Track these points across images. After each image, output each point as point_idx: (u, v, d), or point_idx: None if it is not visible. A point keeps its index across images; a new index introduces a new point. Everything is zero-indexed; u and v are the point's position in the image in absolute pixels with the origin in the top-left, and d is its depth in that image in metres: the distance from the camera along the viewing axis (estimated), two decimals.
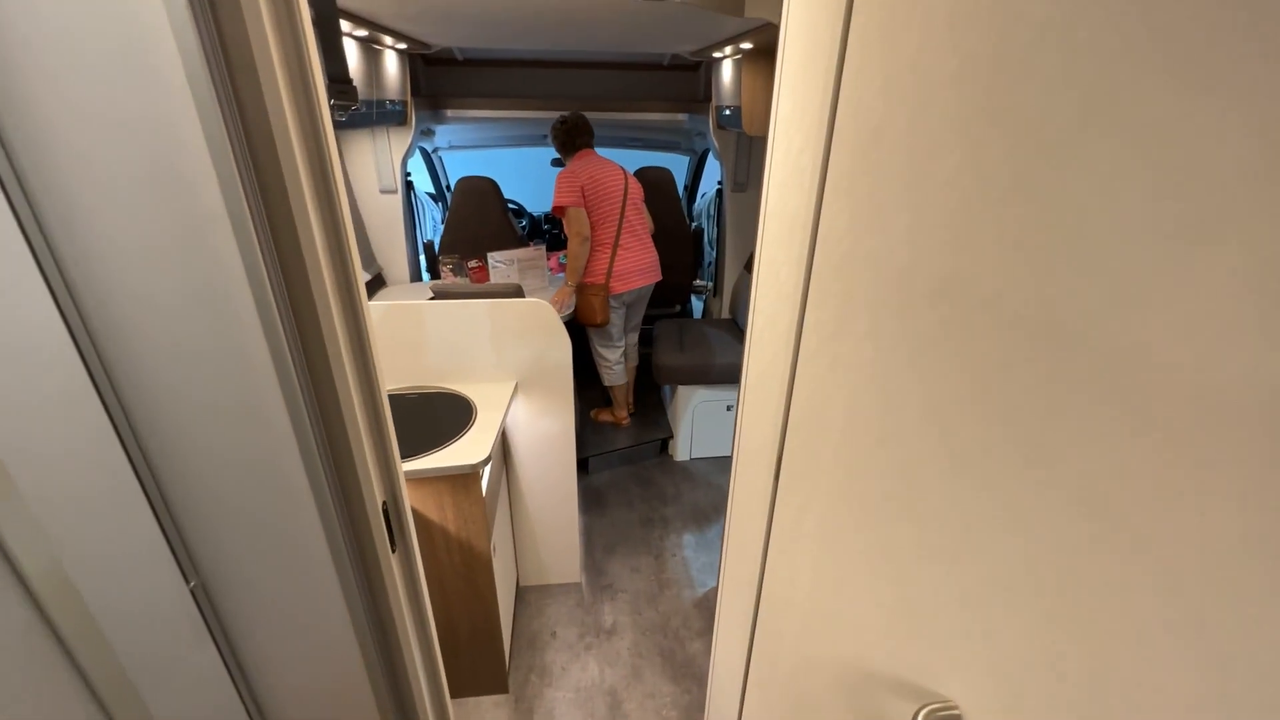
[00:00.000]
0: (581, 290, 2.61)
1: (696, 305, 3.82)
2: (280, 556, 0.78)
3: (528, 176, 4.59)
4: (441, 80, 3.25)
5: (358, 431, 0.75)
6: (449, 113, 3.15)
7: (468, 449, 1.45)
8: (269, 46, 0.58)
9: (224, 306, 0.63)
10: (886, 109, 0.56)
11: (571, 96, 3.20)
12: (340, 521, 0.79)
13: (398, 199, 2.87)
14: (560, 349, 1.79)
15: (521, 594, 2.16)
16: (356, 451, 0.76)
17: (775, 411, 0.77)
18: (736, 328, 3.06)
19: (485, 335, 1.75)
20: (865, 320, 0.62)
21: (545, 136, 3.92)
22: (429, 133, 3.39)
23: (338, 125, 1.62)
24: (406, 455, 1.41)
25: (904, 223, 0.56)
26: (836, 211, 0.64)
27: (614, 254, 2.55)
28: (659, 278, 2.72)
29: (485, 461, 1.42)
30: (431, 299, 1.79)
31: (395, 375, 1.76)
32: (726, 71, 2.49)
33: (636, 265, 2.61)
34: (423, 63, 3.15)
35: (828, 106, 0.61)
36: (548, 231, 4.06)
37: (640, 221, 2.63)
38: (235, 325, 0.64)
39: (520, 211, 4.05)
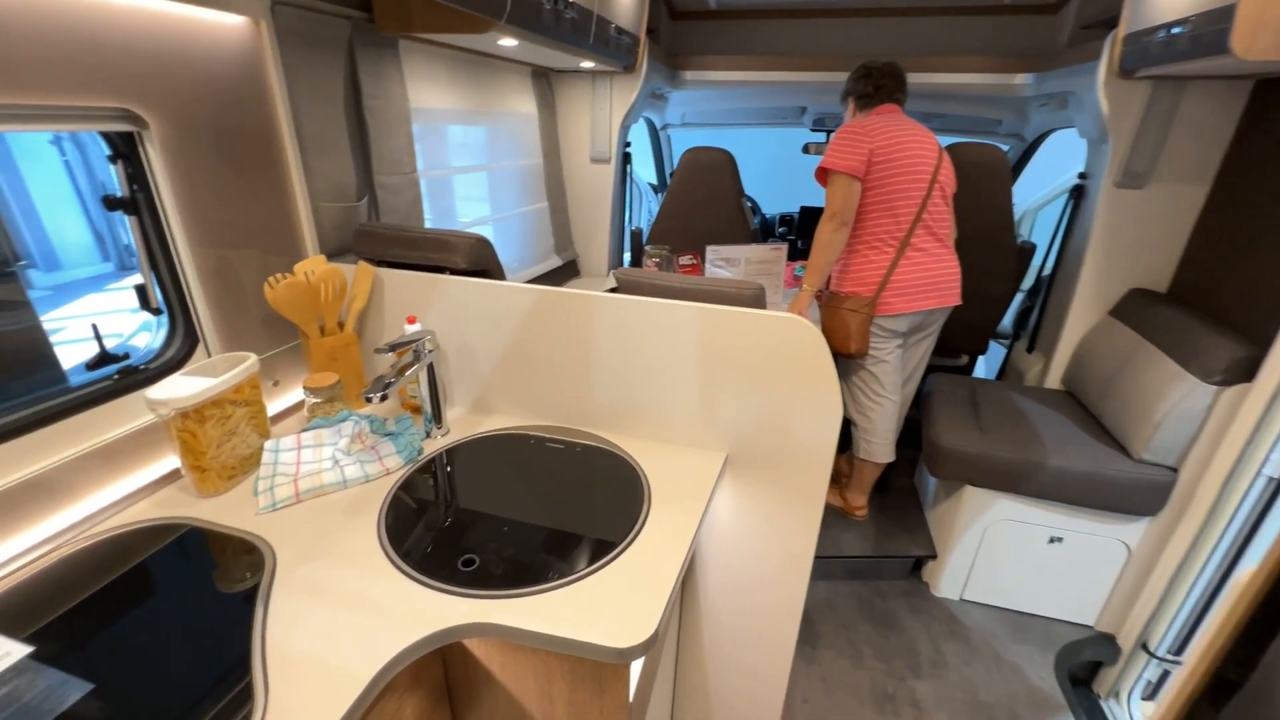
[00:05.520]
0: (834, 304, 1.73)
1: (982, 361, 2.63)
2: None
3: (767, 170, 3.80)
4: (687, 36, 2.62)
5: None
6: (688, 74, 2.50)
7: (615, 604, 0.67)
8: None
9: None
10: None
11: (853, 54, 2.33)
12: None
13: (609, 170, 2.28)
14: (826, 410, 0.93)
15: None
16: None
17: None
18: (1078, 406, 1.87)
19: (690, 363, 0.97)
20: None
21: (802, 111, 3.07)
22: (660, 97, 2.77)
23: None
24: (479, 585, 0.68)
25: None
26: None
27: (899, 256, 1.63)
28: (957, 301, 1.74)
29: (647, 644, 0.62)
30: (612, 290, 1.07)
31: (523, 405, 1.07)
32: None
33: (929, 278, 1.67)
34: (668, 13, 2.55)
35: None
36: (783, 236, 3.21)
37: (945, 219, 1.69)
38: None
39: (754, 208, 3.26)
